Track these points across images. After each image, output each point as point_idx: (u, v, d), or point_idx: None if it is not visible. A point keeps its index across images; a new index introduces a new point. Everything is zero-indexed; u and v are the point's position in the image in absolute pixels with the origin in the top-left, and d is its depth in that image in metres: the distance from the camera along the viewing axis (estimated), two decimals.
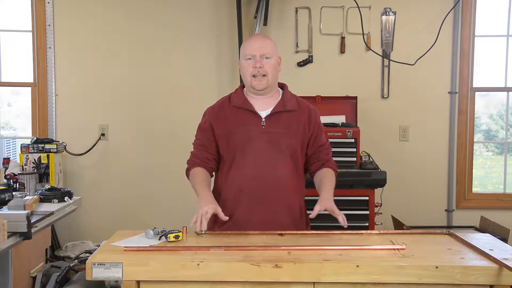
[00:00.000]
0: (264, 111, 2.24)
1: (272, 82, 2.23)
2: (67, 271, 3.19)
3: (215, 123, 2.26)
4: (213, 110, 2.31)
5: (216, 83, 4.15)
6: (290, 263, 1.69)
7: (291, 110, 2.24)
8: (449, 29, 4.08)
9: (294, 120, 2.24)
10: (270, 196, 2.18)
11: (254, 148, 2.19)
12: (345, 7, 4.07)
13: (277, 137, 2.19)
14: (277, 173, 2.18)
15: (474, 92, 4.17)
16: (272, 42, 2.26)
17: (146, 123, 4.15)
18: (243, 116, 2.23)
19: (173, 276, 1.70)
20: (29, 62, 4.12)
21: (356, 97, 3.96)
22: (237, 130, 2.21)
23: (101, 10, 4.10)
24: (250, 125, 2.21)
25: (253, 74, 2.20)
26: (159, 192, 4.17)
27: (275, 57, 2.23)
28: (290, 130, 2.22)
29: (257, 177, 2.17)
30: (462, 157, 4.16)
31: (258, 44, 2.21)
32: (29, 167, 3.50)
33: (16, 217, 2.21)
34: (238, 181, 2.20)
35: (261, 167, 2.18)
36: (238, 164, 2.20)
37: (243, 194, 2.17)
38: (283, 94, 2.29)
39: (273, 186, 2.18)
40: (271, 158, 2.19)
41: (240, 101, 2.26)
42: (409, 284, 1.69)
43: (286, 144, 2.20)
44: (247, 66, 2.21)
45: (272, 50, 2.22)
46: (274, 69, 2.22)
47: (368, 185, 3.50)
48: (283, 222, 2.20)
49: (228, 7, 4.10)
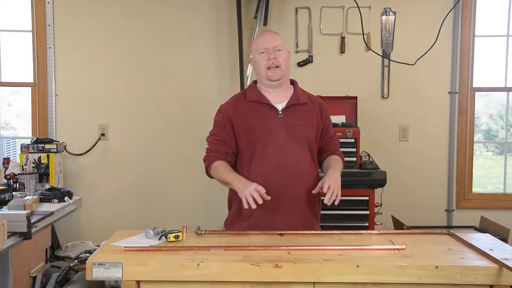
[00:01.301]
0: (280, 104, 2.31)
1: (285, 73, 2.31)
2: (67, 271, 3.19)
3: (234, 117, 2.30)
4: (230, 105, 2.36)
5: (216, 83, 4.15)
6: (290, 263, 1.69)
7: (304, 103, 2.33)
8: (449, 29, 4.08)
9: (308, 113, 2.32)
10: (294, 187, 2.24)
11: (275, 139, 2.25)
12: (345, 7, 4.08)
13: (295, 128, 2.27)
14: (298, 163, 2.25)
15: (474, 92, 4.17)
16: (281, 37, 2.35)
17: (146, 123, 4.15)
18: (260, 110, 2.29)
19: (173, 276, 1.70)
20: (29, 62, 4.13)
21: (356, 97, 3.96)
22: (257, 123, 2.27)
23: (101, 10, 4.10)
24: (269, 118, 2.28)
25: (267, 66, 2.27)
26: (159, 192, 4.17)
27: (286, 50, 2.33)
28: (306, 121, 2.30)
29: (281, 167, 2.23)
30: (462, 157, 4.16)
31: (270, 38, 2.31)
32: (29, 167, 3.50)
33: (16, 217, 2.21)
34: (262, 172, 2.23)
35: (283, 157, 2.24)
36: (260, 156, 2.25)
37: (268, 184, 2.18)
38: (295, 88, 2.38)
39: (296, 177, 2.24)
40: (291, 149, 2.25)
41: (255, 96, 2.33)
42: (409, 284, 1.69)
43: (304, 135, 2.28)
44: (261, 59, 2.29)
45: (282, 43, 2.32)
46: (286, 61, 2.31)
47: (368, 185, 3.50)
48: (305, 212, 2.28)
49: (228, 7, 4.10)
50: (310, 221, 2.31)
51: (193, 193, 4.16)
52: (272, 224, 2.19)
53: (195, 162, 4.15)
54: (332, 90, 3.98)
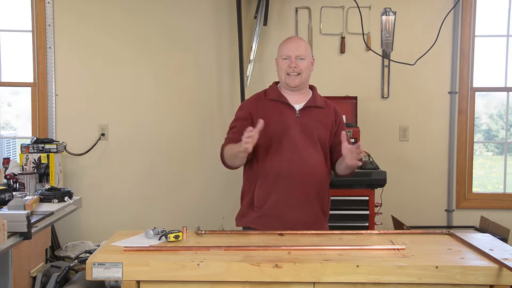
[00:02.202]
0: (298, 104, 2.44)
1: (305, 80, 2.44)
2: (67, 271, 3.19)
3: (254, 112, 2.42)
4: (251, 102, 2.52)
5: (216, 84, 4.15)
6: (290, 263, 1.69)
7: (320, 106, 2.46)
8: (449, 29, 4.08)
9: (323, 116, 2.45)
10: (305, 181, 2.34)
11: (290, 135, 2.36)
12: (345, 7, 4.07)
13: (310, 128, 2.40)
14: (311, 160, 2.36)
15: (474, 92, 4.17)
16: (307, 45, 2.48)
17: (146, 123, 4.15)
18: (279, 107, 2.43)
19: (173, 276, 1.70)
20: (29, 62, 4.12)
21: (356, 97, 3.96)
22: (274, 119, 2.37)
23: (101, 10, 4.10)
24: (286, 115, 2.40)
25: (287, 72, 2.41)
26: (159, 192, 4.17)
27: (309, 58, 2.44)
28: (321, 123, 2.43)
29: (294, 162, 2.34)
30: (462, 157, 4.16)
31: (294, 46, 2.43)
32: (29, 167, 3.50)
33: (16, 217, 2.20)
34: (276, 165, 2.35)
35: (297, 153, 2.35)
36: (276, 150, 2.36)
37: (280, 177, 2.33)
38: (313, 93, 2.51)
39: (308, 172, 2.35)
40: (305, 146, 2.37)
41: (275, 95, 2.46)
42: (409, 284, 1.69)
43: (318, 135, 2.40)
44: (283, 65, 2.42)
45: (306, 52, 2.43)
46: (307, 69, 2.43)
47: (368, 185, 3.50)
48: (314, 207, 2.38)
49: (228, 7, 4.09)
50: (319, 217, 2.40)
51: (193, 193, 4.16)
52: (281, 216, 2.31)
53: (195, 162, 4.17)
54: (332, 90, 3.97)
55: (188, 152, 4.14)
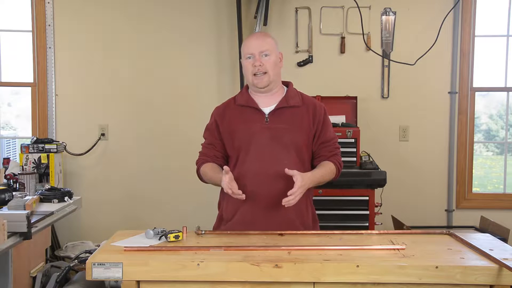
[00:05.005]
0: (268, 107, 2.25)
1: (274, 78, 2.23)
2: (67, 271, 3.19)
3: (220, 122, 2.29)
4: (219, 110, 2.34)
5: (216, 84, 4.15)
6: (290, 263, 1.69)
7: (294, 106, 2.25)
8: (449, 29, 4.08)
9: (298, 116, 2.24)
10: (273, 191, 2.16)
11: (257, 144, 2.20)
12: (345, 7, 4.07)
13: (280, 132, 2.20)
14: (280, 167, 2.11)
15: (474, 92, 4.17)
16: (271, 39, 2.26)
17: (146, 123, 4.15)
18: (246, 114, 2.25)
19: (173, 276, 1.70)
20: (29, 62, 4.13)
21: (356, 97, 3.96)
22: (240, 127, 2.23)
23: (101, 10, 4.10)
24: (253, 122, 2.23)
25: (253, 72, 2.21)
26: (159, 192, 4.17)
27: (275, 54, 2.23)
28: (294, 125, 2.22)
29: (260, 172, 2.17)
30: (462, 157, 4.16)
31: (257, 42, 2.22)
32: (29, 167, 3.50)
33: (16, 217, 2.20)
34: (242, 177, 2.18)
35: (264, 162, 2.18)
36: (242, 161, 2.22)
37: (247, 189, 2.14)
38: (287, 91, 2.30)
39: (277, 181, 2.16)
40: (275, 153, 2.19)
41: (244, 100, 2.28)
42: (409, 284, 1.69)
43: (290, 139, 2.21)
44: (247, 65, 2.23)
45: (271, 46, 2.22)
46: (274, 66, 2.22)
47: (368, 185, 3.50)
48: (289, 217, 2.19)
49: (228, 7, 4.10)
50: (296, 227, 2.19)
51: (193, 193, 4.16)
52: (248, 230, 2.12)
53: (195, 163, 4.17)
54: (332, 90, 3.98)
55: (188, 152, 4.13)
